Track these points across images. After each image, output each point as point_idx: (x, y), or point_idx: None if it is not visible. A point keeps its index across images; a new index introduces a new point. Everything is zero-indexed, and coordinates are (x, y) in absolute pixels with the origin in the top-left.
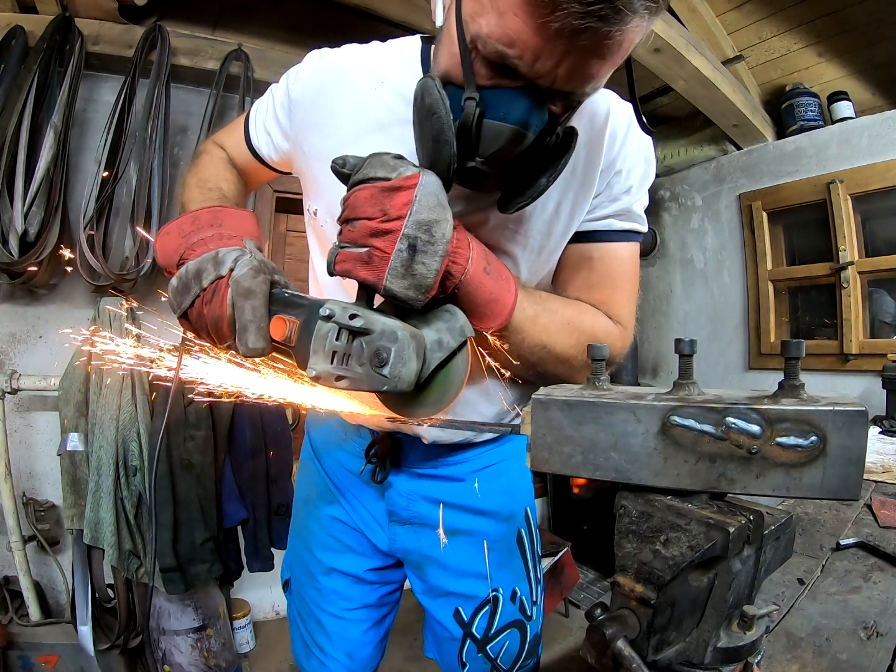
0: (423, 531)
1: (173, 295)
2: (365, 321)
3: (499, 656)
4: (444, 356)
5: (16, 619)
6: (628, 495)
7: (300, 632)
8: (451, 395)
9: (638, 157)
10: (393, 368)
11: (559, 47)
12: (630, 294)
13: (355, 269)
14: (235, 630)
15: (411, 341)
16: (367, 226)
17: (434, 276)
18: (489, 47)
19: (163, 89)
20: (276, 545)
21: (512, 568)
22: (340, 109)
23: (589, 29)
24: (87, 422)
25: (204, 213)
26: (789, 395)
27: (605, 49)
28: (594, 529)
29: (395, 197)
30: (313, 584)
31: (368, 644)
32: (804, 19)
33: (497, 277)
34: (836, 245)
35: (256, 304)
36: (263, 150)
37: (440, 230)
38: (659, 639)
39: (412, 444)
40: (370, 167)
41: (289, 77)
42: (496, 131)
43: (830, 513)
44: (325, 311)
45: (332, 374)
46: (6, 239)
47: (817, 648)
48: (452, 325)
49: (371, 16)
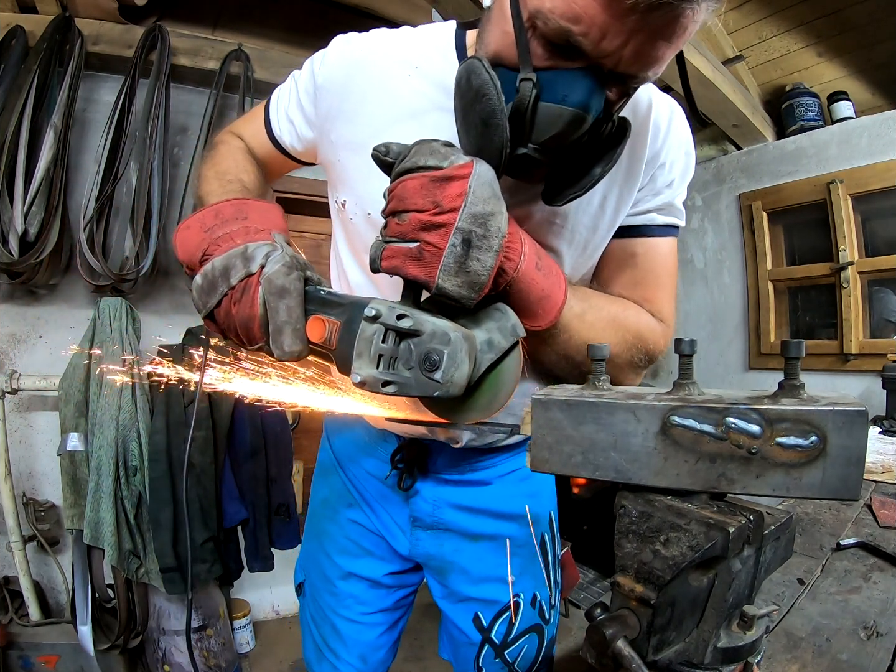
0: (446, 536)
1: (198, 294)
2: (414, 322)
3: (516, 661)
4: (495, 357)
5: (16, 619)
6: (628, 495)
7: (312, 636)
8: (503, 398)
9: (680, 149)
10: (445, 373)
11: (628, 25)
12: (671, 290)
13: (405, 266)
14: (235, 630)
15: (464, 343)
16: (417, 218)
17: (489, 274)
18: (552, 24)
19: (163, 89)
20: (275, 545)
21: (534, 573)
22: (371, 96)
23: (665, 6)
24: (87, 422)
25: (227, 205)
26: (789, 395)
27: (673, 29)
28: (594, 529)
29: (448, 187)
30: (329, 589)
31: (382, 647)
32: (804, 19)
33: (548, 273)
34: (836, 245)
35: (291, 304)
36: (286, 140)
37: (496, 224)
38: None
39: (440, 450)
40: (419, 155)
41: (314, 62)
42: (554, 115)
43: (830, 513)
44: (371, 312)
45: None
46: (6, 239)
47: (817, 648)
48: (503, 324)
49: (371, 16)
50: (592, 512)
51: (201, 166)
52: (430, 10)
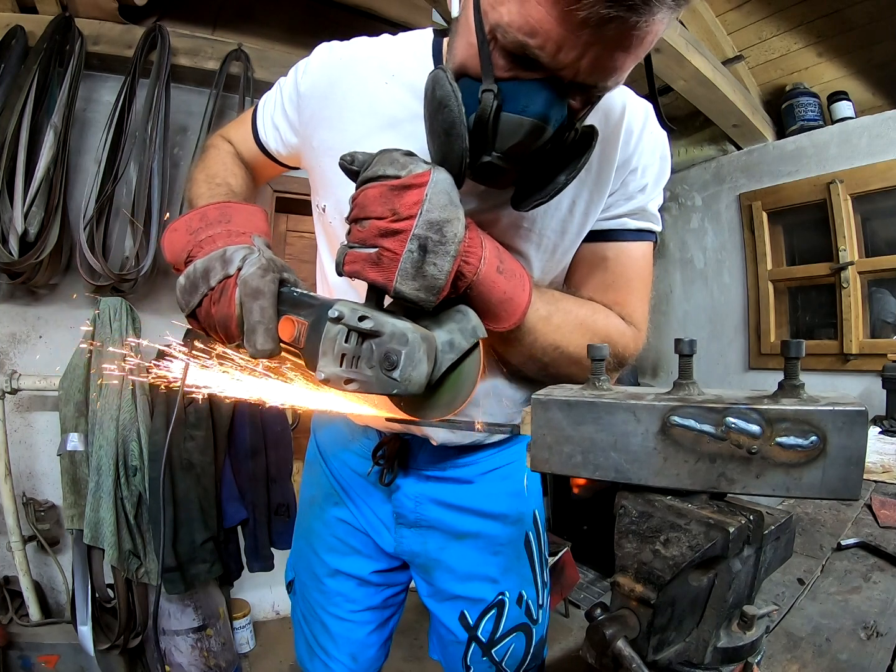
0: (430, 534)
1: (181, 294)
2: (375, 323)
3: (504, 660)
4: (455, 357)
5: (16, 619)
6: (628, 495)
7: (304, 633)
8: (463, 397)
9: (654, 154)
10: (403, 371)
11: (583, 38)
12: (644, 294)
13: (364, 271)
14: (235, 630)
15: (422, 343)
16: (376, 225)
17: (445, 278)
18: (509, 37)
19: (163, 89)
20: (276, 545)
21: (519, 571)
22: (351, 104)
23: (616, 19)
24: (87, 422)
25: (212, 208)
26: (789, 395)
27: (630, 41)
28: (594, 529)
29: (406, 196)
30: (318, 587)
31: (372, 646)
32: (804, 19)
33: (511, 276)
34: (836, 245)
35: (265, 305)
36: (271, 145)
37: (452, 230)
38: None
39: (421, 446)
40: (379, 164)
41: (297, 70)
42: (515, 124)
43: (830, 513)
44: (335, 313)
45: (341, 378)
46: (6, 239)
47: (817, 648)
48: (464, 325)
49: (371, 16)
50: (592, 512)
51: (192, 169)
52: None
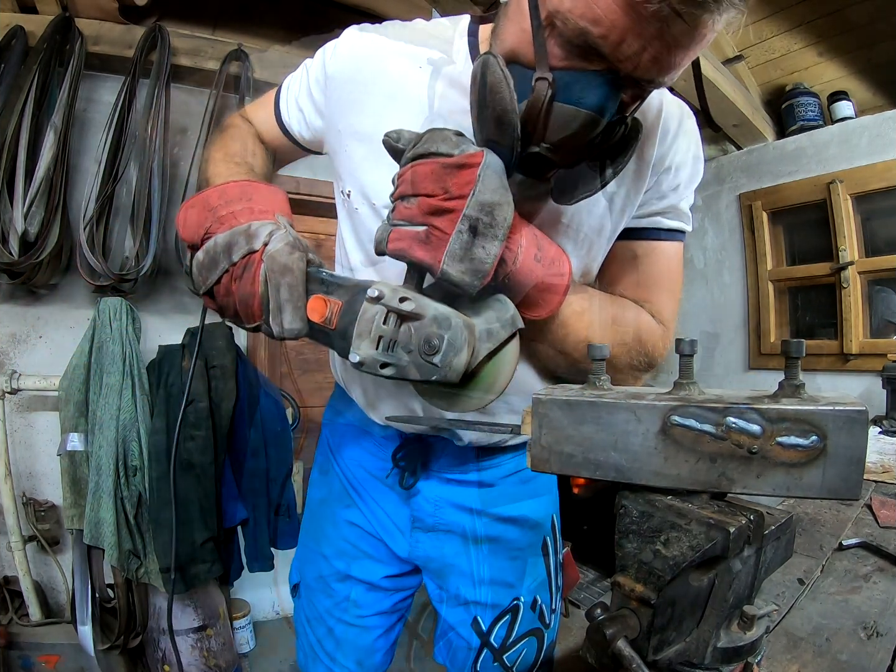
0: (447, 538)
1: (198, 270)
2: (416, 305)
3: (515, 665)
4: (493, 347)
5: (16, 619)
6: (629, 495)
7: (307, 638)
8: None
9: (688, 153)
10: (444, 357)
11: (649, 31)
12: (673, 294)
13: (411, 249)
14: (235, 630)
15: (464, 330)
16: (427, 202)
17: (492, 262)
18: (570, 24)
19: (163, 89)
20: (276, 545)
21: (535, 576)
22: (380, 88)
23: (686, 15)
24: (87, 422)
25: (232, 186)
26: (789, 395)
27: (693, 39)
28: (594, 529)
29: (459, 174)
30: (325, 591)
31: (378, 651)
32: (804, 19)
33: (549, 265)
34: (836, 245)
35: (293, 282)
36: (294, 128)
37: (502, 213)
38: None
39: (444, 448)
40: (431, 142)
41: (325, 52)
42: (569, 116)
43: (830, 513)
44: (374, 293)
45: (377, 361)
46: (6, 239)
47: (817, 648)
48: (503, 314)
49: (371, 16)
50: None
51: (209, 148)
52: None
